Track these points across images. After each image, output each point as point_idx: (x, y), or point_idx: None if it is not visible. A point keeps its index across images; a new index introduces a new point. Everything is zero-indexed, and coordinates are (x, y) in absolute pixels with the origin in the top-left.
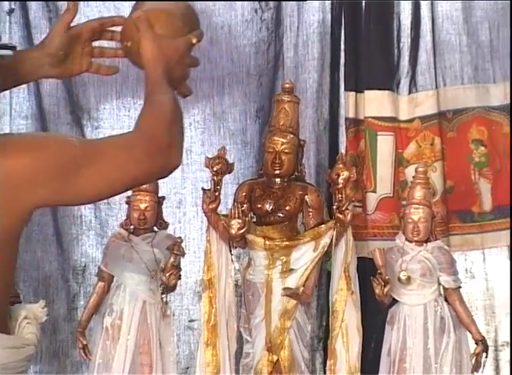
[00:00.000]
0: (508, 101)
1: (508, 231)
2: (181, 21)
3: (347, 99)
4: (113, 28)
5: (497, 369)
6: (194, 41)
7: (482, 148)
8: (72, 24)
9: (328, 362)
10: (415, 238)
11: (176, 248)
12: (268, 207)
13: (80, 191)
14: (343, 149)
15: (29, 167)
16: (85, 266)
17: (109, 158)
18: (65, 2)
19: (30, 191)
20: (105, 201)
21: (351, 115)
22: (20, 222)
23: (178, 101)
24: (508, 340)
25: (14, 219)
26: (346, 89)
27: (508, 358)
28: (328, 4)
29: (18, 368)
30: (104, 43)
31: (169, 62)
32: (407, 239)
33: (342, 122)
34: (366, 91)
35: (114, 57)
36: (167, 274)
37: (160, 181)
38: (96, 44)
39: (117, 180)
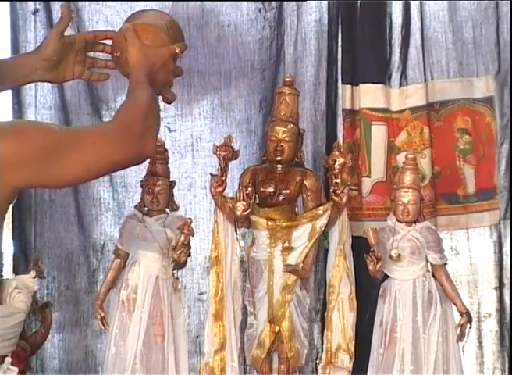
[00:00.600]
0: (490, 94)
1: (490, 212)
2: (166, 34)
3: (344, 92)
4: (106, 41)
5: (480, 338)
6: (177, 50)
7: (467, 137)
8: (95, 27)
9: (325, 332)
10: (405, 219)
11: (185, 228)
12: (271, 190)
13: (59, 174)
14: (340, 137)
15: (12, 151)
16: (104, 243)
17: (88, 144)
18: (86, 2)
19: (13, 173)
20: (122, 184)
21: (347, 106)
22: (4, 201)
23: (156, 98)
24: (490, 311)
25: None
26: (343, 82)
27: (490, 328)
28: (324, 4)
29: (7, 335)
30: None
31: (153, 67)
32: (397, 220)
33: (339, 112)
34: (361, 85)
35: (104, 67)
36: (178, 252)
37: (172, 166)
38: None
39: (94, 165)
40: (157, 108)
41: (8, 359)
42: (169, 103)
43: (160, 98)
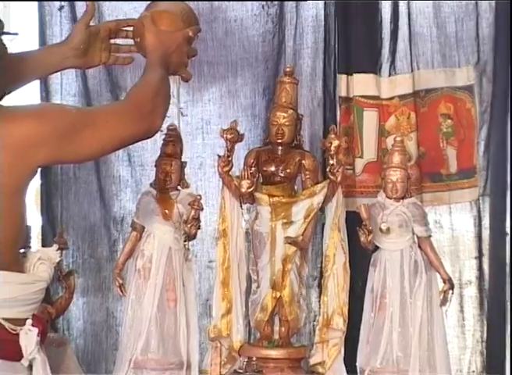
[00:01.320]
0: (470, 82)
1: (470, 189)
2: (180, 19)
3: (340, 81)
4: (128, 28)
5: (461, 303)
6: (190, 33)
7: (449, 121)
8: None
9: (321, 297)
10: (394, 196)
11: (195, 203)
12: (272, 170)
13: (77, 150)
14: (336, 122)
15: (33, 131)
16: (123, 217)
17: (101, 122)
18: (105, 2)
19: (34, 151)
20: (139, 163)
21: (343, 94)
22: (27, 177)
23: (166, 79)
24: (470, 279)
25: (21, 174)
26: (338, 72)
27: (471, 294)
28: (321, 2)
29: (28, 300)
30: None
31: (167, 50)
32: (387, 196)
33: (336, 99)
34: (355, 74)
35: (128, 52)
36: (188, 225)
37: (184, 147)
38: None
39: (108, 141)
40: (166, 88)
41: (29, 321)
42: (186, 81)
43: (179, 77)
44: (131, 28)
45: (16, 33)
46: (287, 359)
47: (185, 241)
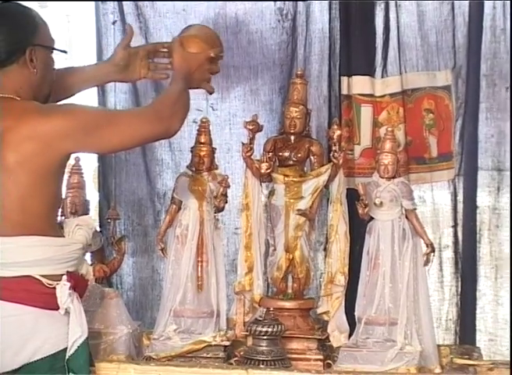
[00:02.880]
0: (448, 83)
1: (448, 171)
2: (205, 42)
3: (342, 82)
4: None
5: (440, 263)
6: (212, 54)
7: (431, 115)
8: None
9: (326, 259)
10: (386, 176)
11: (224, 182)
12: (286, 154)
13: (99, 143)
14: (339, 115)
15: (59, 126)
16: (165, 192)
17: (124, 121)
18: (151, 15)
19: (60, 141)
20: (178, 149)
21: (344, 92)
22: (56, 161)
23: (186, 91)
24: (448, 244)
25: (50, 159)
26: (341, 75)
27: (448, 256)
28: (326, 18)
29: (63, 259)
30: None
31: (191, 68)
32: (380, 176)
33: (339, 97)
34: (354, 77)
35: (165, 69)
36: (218, 200)
37: (215, 136)
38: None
39: (128, 138)
40: (185, 98)
41: (64, 277)
42: (210, 94)
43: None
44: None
45: (65, 51)
46: (298, 309)
47: (215, 213)
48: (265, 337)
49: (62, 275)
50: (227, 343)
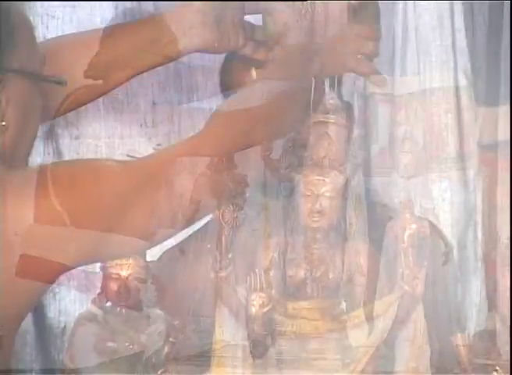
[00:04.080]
0: (468, 83)
1: (467, 169)
2: None
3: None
4: None
5: (459, 262)
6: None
7: (450, 115)
8: None
9: (345, 258)
10: (404, 175)
11: (243, 181)
12: (305, 154)
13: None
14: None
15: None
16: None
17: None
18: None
19: None
20: None
21: (362, 91)
22: None
23: None
24: (466, 243)
25: None
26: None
27: (467, 255)
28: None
29: None
30: None
31: None
32: (399, 176)
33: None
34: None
35: None
36: (236, 200)
37: None
38: None
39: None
40: None
41: None
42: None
43: None
44: None
45: (62, 83)
46: (317, 308)
47: (233, 212)
48: (284, 337)
49: None
50: (246, 342)
